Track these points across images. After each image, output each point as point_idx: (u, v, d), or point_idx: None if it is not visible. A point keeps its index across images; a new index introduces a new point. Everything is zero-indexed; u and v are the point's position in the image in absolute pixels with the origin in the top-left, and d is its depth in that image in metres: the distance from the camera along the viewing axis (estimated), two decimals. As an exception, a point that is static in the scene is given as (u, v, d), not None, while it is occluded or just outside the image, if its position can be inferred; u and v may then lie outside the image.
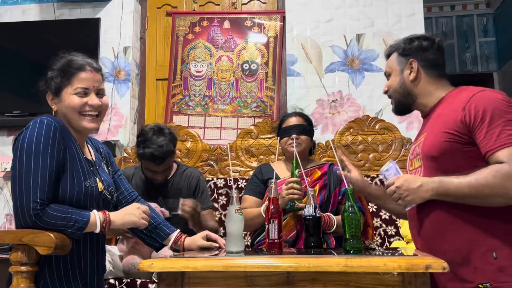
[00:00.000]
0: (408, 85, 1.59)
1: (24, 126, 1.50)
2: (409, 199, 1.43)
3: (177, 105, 3.19)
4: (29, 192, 1.37)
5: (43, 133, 1.41)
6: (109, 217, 1.47)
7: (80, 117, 1.50)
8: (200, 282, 1.25)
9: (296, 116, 2.24)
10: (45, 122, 1.43)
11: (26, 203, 1.36)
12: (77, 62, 1.52)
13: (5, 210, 3.07)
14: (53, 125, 1.43)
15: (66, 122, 1.52)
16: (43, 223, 1.37)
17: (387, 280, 1.19)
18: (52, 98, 1.53)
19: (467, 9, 4.57)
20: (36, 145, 1.40)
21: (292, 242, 2.00)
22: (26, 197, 1.37)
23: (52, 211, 1.39)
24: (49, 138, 1.41)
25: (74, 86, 1.49)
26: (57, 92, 1.51)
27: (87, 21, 3.20)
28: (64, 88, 1.50)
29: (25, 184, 1.37)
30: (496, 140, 1.32)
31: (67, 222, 1.39)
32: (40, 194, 1.37)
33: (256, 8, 3.34)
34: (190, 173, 2.37)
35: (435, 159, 1.44)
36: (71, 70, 1.50)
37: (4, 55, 3.21)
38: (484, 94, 1.41)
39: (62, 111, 1.52)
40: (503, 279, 1.31)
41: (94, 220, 1.44)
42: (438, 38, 1.61)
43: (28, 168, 1.39)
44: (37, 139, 1.41)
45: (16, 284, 1.39)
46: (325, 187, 2.12)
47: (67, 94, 1.50)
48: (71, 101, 1.49)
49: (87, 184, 1.48)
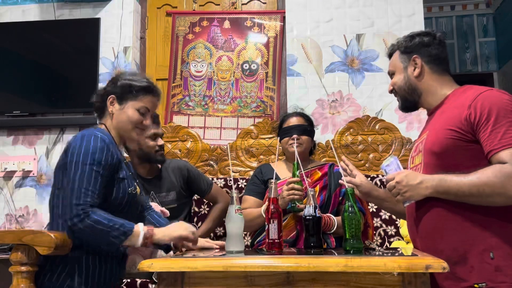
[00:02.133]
0: (413, 81, 1.59)
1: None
2: (408, 195, 1.42)
3: (177, 105, 3.19)
4: (80, 193, 1.43)
5: (98, 146, 1.50)
6: (152, 231, 1.50)
7: (133, 129, 1.63)
8: (200, 282, 1.25)
9: (297, 116, 2.24)
10: (99, 136, 1.52)
11: (76, 202, 1.42)
12: (148, 84, 1.67)
13: (5, 210, 3.07)
14: (106, 140, 1.53)
15: (115, 129, 1.64)
16: (92, 220, 1.41)
17: (387, 280, 1.19)
18: (113, 101, 1.64)
19: (467, 9, 4.57)
20: (92, 155, 1.48)
21: (292, 242, 2.00)
22: (77, 197, 1.42)
23: (99, 212, 1.43)
24: (103, 150, 1.50)
25: (139, 104, 1.63)
26: (121, 100, 1.63)
27: (87, 21, 3.20)
28: (130, 100, 1.63)
29: (78, 186, 1.44)
30: (500, 140, 1.33)
31: (113, 224, 1.43)
32: (90, 196, 1.44)
33: (256, 8, 3.34)
34: (177, 164, 2.40)
35: (436, 156, 1.43)
36: (140, 89, 1.64)
37: (4, 55, 3.21)
38: (491, 93, 1.41)
39: (118, 117, 1.63)
40: (500, 279, 1.31)
41: (138, 231, 1.47)
42: (438, 33, 1.61)
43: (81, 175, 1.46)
44: (93, 151, 1.49)
45: (16, 284, 1.39)
46: (326, 187, 2.12)
47: (131, 107, 1.63)
48: (133, 114, 1.62)
49: (129, 191, 1.57)
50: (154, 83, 1.71)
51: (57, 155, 3.08)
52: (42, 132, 3.12)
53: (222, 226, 2.52)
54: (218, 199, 2.43)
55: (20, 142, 3.13)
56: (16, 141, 3.13)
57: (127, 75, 1.68)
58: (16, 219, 3.05)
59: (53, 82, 3.16)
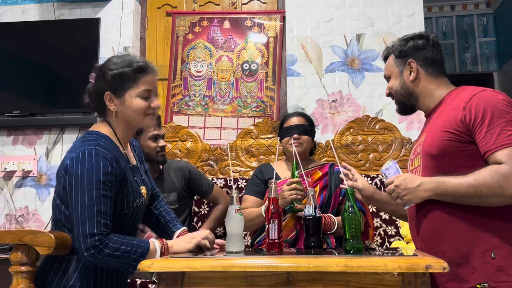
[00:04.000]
0: (409, 85, 1.59)
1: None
2: (407, 198, 1.43)
3: (177, 105, 3.19)
4: (93, 222, 1.36)
5: (101, 166, 1.40)
6: (166, 245, 1.48)
7: (144, 117, 1.53)
8: (200, 282, 1.25)
9: (298, 116, 2.24)
10: (100, 153, 1.41)
11: (90, 231, 1.35)
12: (140, 63, 1.52)
13: (5, 210, 3.07)
14: (108, 157, 1.42)
15: (124, 123, 1.53)
16: (110, 250, 1.36)
17: (387, 280, 1.19)
18: (111, 98, 1.51)
19: (467, 9, 4.57)
20: (96, 177, 1.39)
21: (292, 242, 2.00)
22: (90, 227, 1.35)
23: (114, 239, 1.38)
24: (107, 169, 1.41)
25: (137, 90, 1.50)
26: (119, 93, 1.50)
27: (87, 21, 3.20)
28: (128, 90, 1.50)
29: (89, 213, 1.37)
30: (496, 140, 1.33)
31: (130, 248, 1.39)
32: (104, 224, 1.37)
33: (256, 8, 3.34)
34: (178, 165, 2.40)
35: (434, 158, 1.44)
36: (132, 74, 1.50)
37: (4, 55, 3.21)
38: (485, 94, 1.41)
39: (123, 113, 1.52)
40: (502, 279, 1.31)
41: (154, 249, 1.44)
42: (432, 35, 1.61)
43: (90, 200, 1.38)
44: (96, 172, 1.39)
45: (16, 284, 1.39)
46: (326, 187, 2.12)
47: (131, 96, 1.50)
48: (137, 104, 1.50)
49: (134, 204, 1.51)
50: (143, 60, 1.56)
51: (57, 155, 3.08)
52: (42, 132, 3.12)
53: (222, 226, 2.52)
54: (219, 200, 2.43)
55: (20, 142, 3.13)
56: (16, 141, 3.13)
57: (112, 64, 1.52)
58: (16, 219, 3.05)
59: (53, 82, 3.16)
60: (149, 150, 2.25)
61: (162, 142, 2.28)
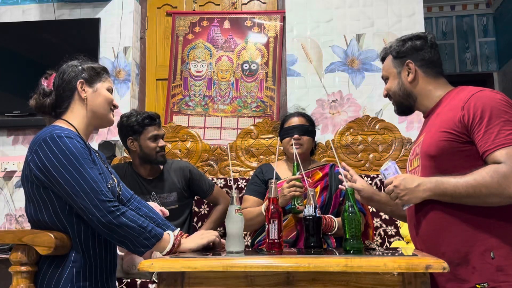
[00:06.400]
0: (407, 86, 1.60)
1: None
2: (406, 199, 1.43)
3: (177, 105, 3.19)
4: (96, 190, 1.38)
5: (75, 143, 1.43)
6: (180, 240, 1.50)
7: (110, 109, 1.62)
8: (200, 282, 1.25)
9: (298, 116, 2.23)
10: (62, 135, 1.43)
11: (101, 198, 1.38)
12: (101, 67, 1.66)
13: (5, 210, 3.07)
14: (72, 136, 1.44)
15: (89, 114, 1.57)
16: (127, 218, 1.39)
17: (387, 280, 1.19)
18: (82, 85, 1.58)
19: (467, 9, 4.57)
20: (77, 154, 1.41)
21: (292, 243, 1.99)
22: (98, 194, 1.38)
23: (129, 211, 1.42)
24: (81, 148, 1.44)
25: (106, 85, 1.62)
26: (91, 82, 1.59)
27: (87, 21, 3.20)
28: (98, 82, 1.61)
29: (88, 187, 1.38)
30: (494, 140, 1.33)
31: (146, 225, 1.42)
32: (108, 194, 1.40)
33: (256, 8, 3.34)
34: (179, 165, 2.40)
35: (433, 158, 1.44)
36: (101, 71, 1.63)
37: (4, 55, 3.21)
38: (483, 93, 1.41)
39: (93, 100, 1.58)
40: (502, 279, 1.31)
41: (168, 237, 1.47)
42: (430, 36, 1.61)
43: (82, 173, 1.39)
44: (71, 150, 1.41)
45: (16, 284, 1.39)
46: (326, 188, 2.11)
47: (101, 87, 1.60)
48: (107, 95, 1.61)
49: (108, 185, 1.51)
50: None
51: (57, 155, 3.08)
52: (42, 132, 3.12)
53: (222, 226, 2.52)
54: (219, 200, 2.43)
55: (20, 142, 3.13)
56: (16, 141, 3.13)
57: (83, 62, 1.64)
58: (16, 219, 3.05)
59: (53, 82, 3.16)
60: (149, 150, 2.25)
61: (162, 142, 2.29)
